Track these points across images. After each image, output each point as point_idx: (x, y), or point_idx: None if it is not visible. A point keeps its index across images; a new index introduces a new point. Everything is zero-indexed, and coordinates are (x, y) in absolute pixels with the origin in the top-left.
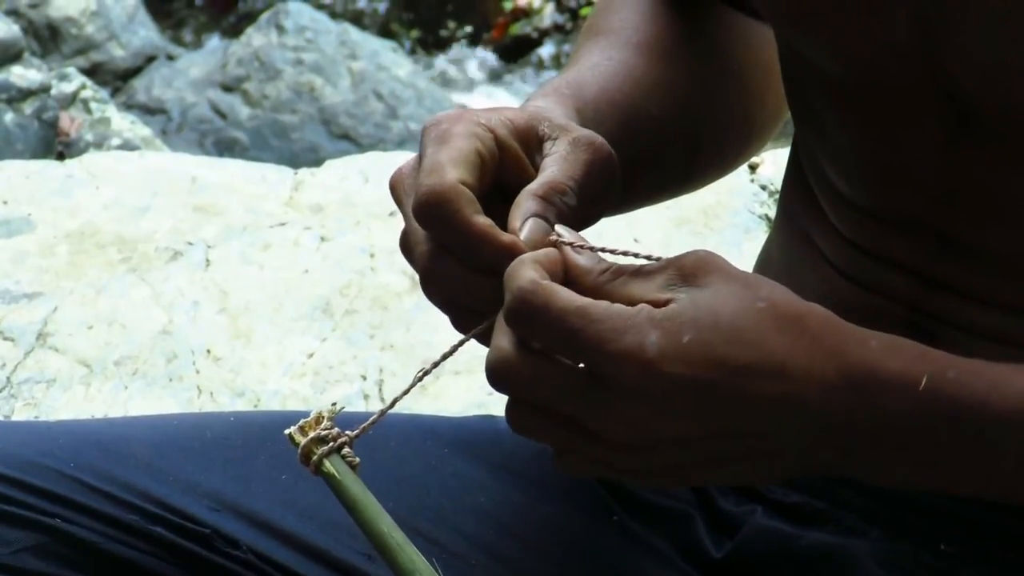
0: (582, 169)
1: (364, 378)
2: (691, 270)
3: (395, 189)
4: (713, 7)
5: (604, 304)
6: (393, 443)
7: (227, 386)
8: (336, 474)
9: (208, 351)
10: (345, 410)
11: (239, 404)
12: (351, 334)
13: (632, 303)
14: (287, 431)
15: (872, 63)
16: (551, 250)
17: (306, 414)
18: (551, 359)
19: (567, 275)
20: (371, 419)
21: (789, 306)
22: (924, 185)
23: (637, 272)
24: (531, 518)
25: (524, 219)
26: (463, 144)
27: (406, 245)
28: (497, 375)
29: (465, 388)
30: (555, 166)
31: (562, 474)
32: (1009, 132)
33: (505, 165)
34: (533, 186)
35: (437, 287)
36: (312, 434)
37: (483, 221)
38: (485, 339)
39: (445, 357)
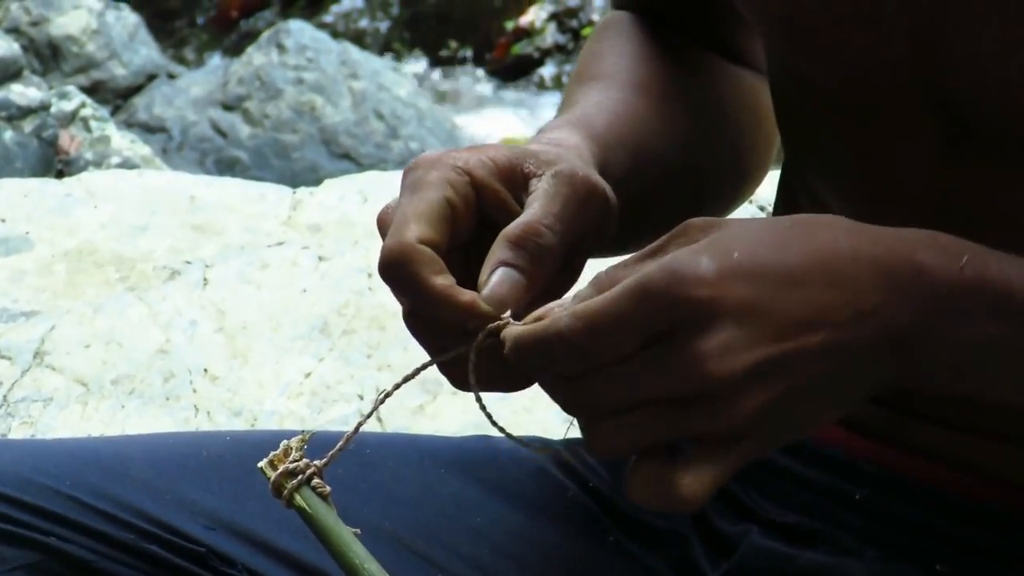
0: (561, 204)
1: (361, 398)
2: (703, 226)
3: (381, 228)
4: (702, 54)
5: (631, 277)
6: (390, 463)
7: (224, 405)
8: (306, 507)
9: (205, 370)
10: (327, 430)
11: (236, 423)
12: (348, 354)
13: None
14: (259, 464)
15: (867, 77)
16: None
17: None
18: (616, 361)
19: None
20: (337, 446)
21: (815, 217)
22: (919, 200)
23: (643, 255)
24: (527, 539)
25: (492, 270)
26: (432, 195)
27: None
28: (576, 400)
29: (463, 409)
30: (535, 204)
31: (558, 490)
32: (1005, 147)
33: (486, 205)
34: (509, 229)
35: (417, 333)
36: (281, 468)
37: (441, 283)
38: (451, 369)
39: (407, 379)
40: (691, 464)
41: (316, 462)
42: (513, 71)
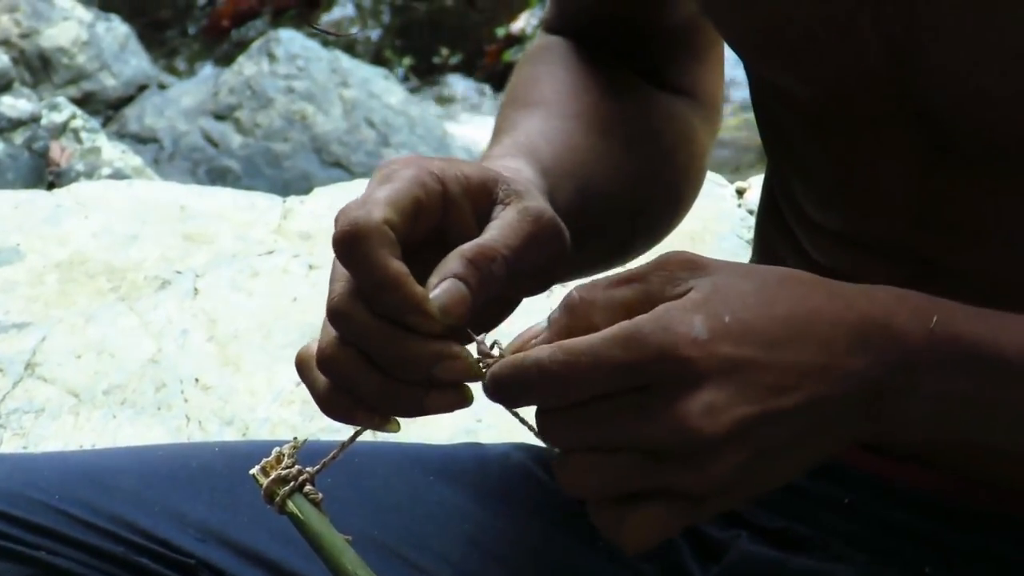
0: (522, 240)
1: None
2: (685, 264)
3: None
4: (636, 84)
5: (625, 321)
6: (380, 471)
7: (216, 414)
8: (299, 513)
9: (197, 379)
10: (319, 438)
11: (228, 432)
12: None
13: (629, 309)
14: (251, 471)
15: (846, 91)
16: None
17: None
18: (601, 398)
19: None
20: (331, 454)
21: (799, 277)
22: (901, 210)
23: (620, 280)
24: (517, 545)
25: (442, 278)
26: (403, 186)
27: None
28: (540, 427)
29: (452, 415)
30: (497, 230)
31: (547, 496)
32: (984, 156)
33: (450, 219)
34: (466, 247)
35: (343, 327)
36: (273, 474)
37: (397, 266)
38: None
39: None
40: (647, 508)
41: (308, 469)
42: (504, 78)
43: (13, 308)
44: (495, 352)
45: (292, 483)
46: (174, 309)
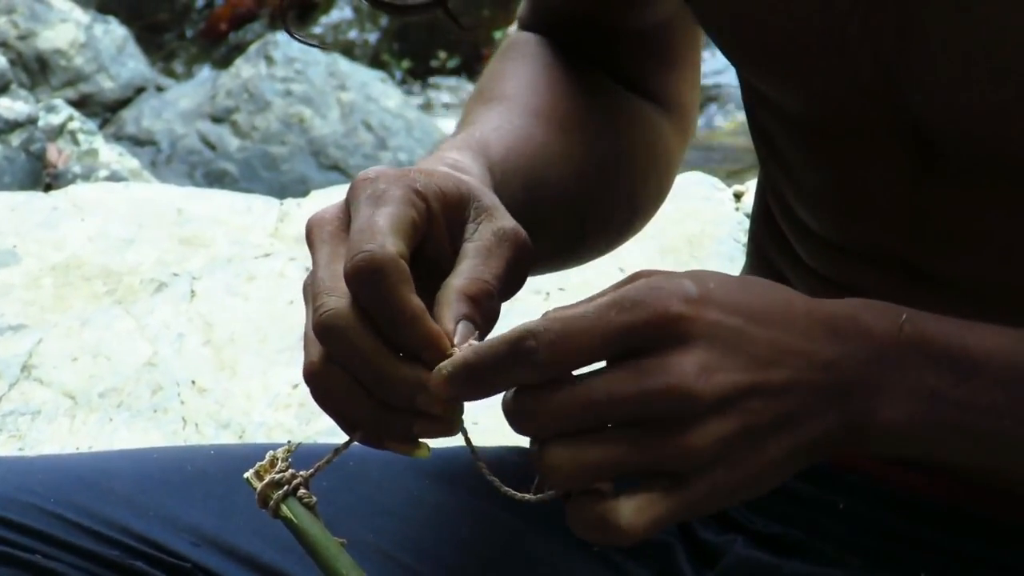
0: (505, 267)
1: None
2: (655, 273)
3: (312, 233)
4: (605, 84)
5: (612, 292)
6: (375, 474)
7: (212, 418)
8: (293, 518)
9: (193, 383)
10: (315, 442)
11: (224, 436)
12: None
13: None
14: (245, 475)
15: (837, 102)
16: None
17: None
18: (592, 374)
19: None
20: (326, 458)
21: (772, 282)
22: (892, 219)
23: (592, 296)
24: (512, 549)
25: (456, 321)
26: (401, 211)
27: (311, 291)
28: (526, 411)
29: None
30: (479, 259)
31: (544, 506)
32: (973, 167)
33: (428, 237)
34: (461, 283)
35: (333, 342)
36: (267, 478)
37: (417, 304)
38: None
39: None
40: (635, 496)
41: (302, 472)
42: None
43: (9, 311)
44: None
45: (286, 487)
46: (170, 312)
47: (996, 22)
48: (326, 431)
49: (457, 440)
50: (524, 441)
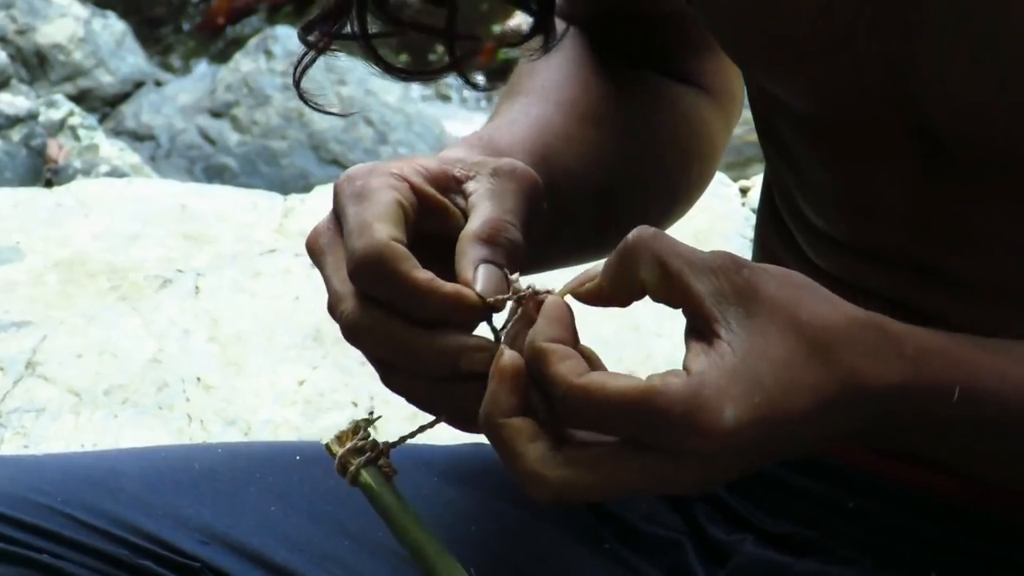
0: (513, 199)
1: (355, 405)
2: (740, 292)
3: (312, 249)
4: (642, 75)
5: (659, 384)
6: None
7: (218, 415)
8: (373, 485)
9: (199, 379)
10: (321, 440)
11: (230, 432)
12: (342, 361)
13: (670, 294)
14: (324, 441)
15: (844, 102)
16: (560, 315)
17: (294, 444)
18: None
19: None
20: (411, 432)
21: (823, 333)
22: (900, 217)
23: (671, 252)
24: (523, 546)
25: (475, 266)
26: (384, 198)
27: (331, 306)
28: (540, 485)
29: None
30: (487, 202)
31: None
32: (981, 166)
33: (426, 212)
34: (473, 229)
35: (364, 343)
36: (348, 444)
37: (424, 275)
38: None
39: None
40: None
41: (386, 441)
42: (500, 75)
43: (14, 307)
44: (542, 294)
45: (368, 454)
46: (175, 309)
47: (1003, 20)
48: (332, 427)
49: (467, 438)
50: None
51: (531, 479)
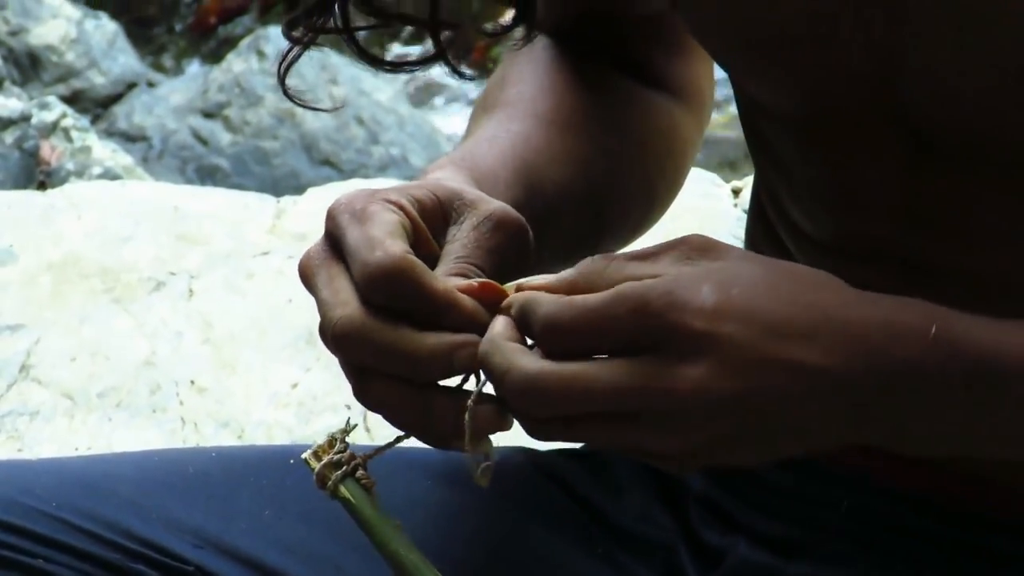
0: (488, 258)
1: (349, 407)
2: (701, 246)
3: (304, 271)
4: (615, 81)
5: (635, 282)
6: (380, 474)
7: (211, 417)
8: (351, 498)
9: (192, 382)
10: (315, 441)
11: (223, 435)
12: (335, 364)
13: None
14: (303, 455)
15: (829, 95)
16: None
17: (288, 448)
18: (596, 364)
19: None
20: (387, 442)
21: (811, 274)
22: (886, 212)
23: (634, 256)
24: (518, 549)
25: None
26: (388, 218)
27: (322, 314)
28: (537, 391)
29: None
30: (460, 252)
31: (546, 500)
32: (968, 157)
33: (416, 243)
34: (443, 271)
35: (354, 349)
36: (325, 459)
37: (444, 286)
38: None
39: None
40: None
41: (361, 454)
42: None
43: (6, 309)
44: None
45: (344, 467)
46: (168, 311)
47: (987, 9)
48: (325, 430)
49: None
50: (527, 442)
51: (522, 380)
